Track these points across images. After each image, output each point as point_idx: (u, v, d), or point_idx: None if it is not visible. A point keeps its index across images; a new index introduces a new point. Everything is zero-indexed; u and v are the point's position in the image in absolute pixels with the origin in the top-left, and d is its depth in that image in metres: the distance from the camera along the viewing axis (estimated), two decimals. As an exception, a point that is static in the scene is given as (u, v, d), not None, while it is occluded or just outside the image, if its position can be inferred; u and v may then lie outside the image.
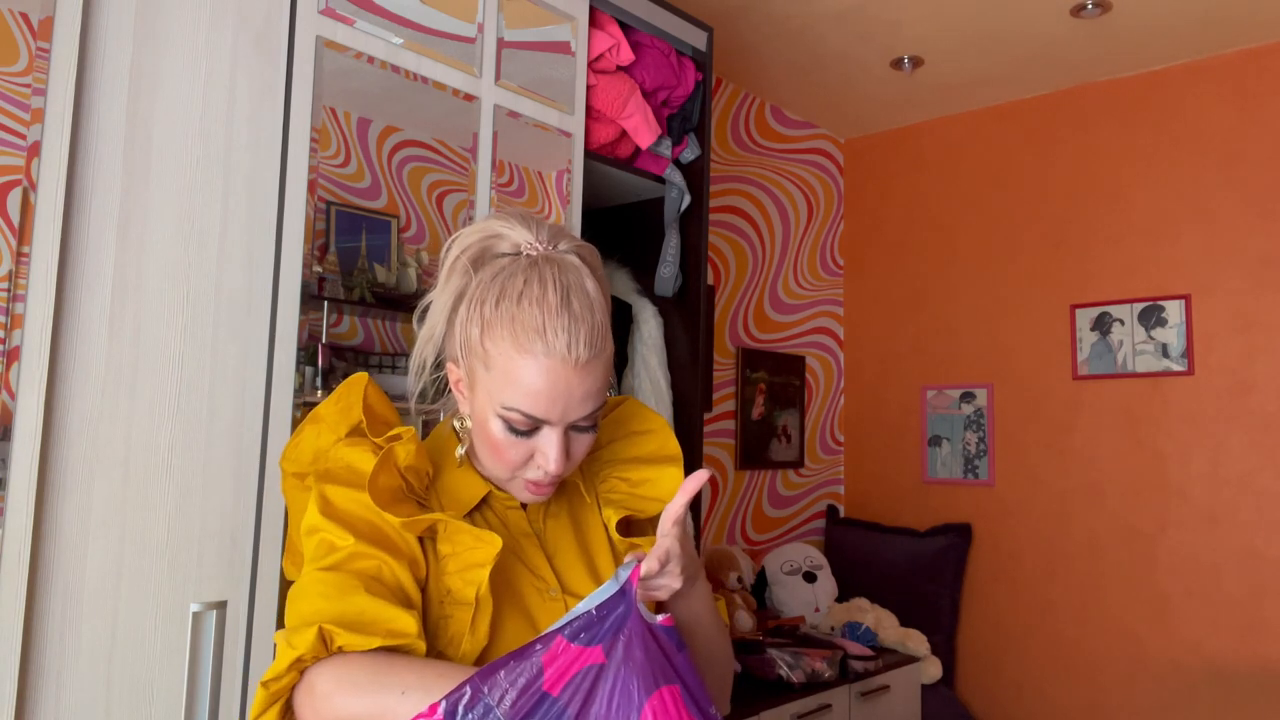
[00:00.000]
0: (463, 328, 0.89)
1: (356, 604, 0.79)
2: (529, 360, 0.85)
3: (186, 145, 1.28)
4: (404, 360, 1.62)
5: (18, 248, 1.19)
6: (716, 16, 2.84)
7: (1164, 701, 2.94)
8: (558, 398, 0.85)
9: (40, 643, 1.11)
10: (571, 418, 0.87)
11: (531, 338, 0.84)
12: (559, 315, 0.85)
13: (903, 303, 3.71)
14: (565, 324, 0.85)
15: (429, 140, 1.65)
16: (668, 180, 2.15)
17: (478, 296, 0.88)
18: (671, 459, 1.02)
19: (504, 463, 0.90)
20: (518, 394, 0.85)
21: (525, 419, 0.86)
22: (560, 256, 0.89)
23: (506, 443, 0.88)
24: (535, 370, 0.85)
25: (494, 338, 0.86)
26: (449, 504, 0.93)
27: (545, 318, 0.85)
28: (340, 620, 0.78)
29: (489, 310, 0.86)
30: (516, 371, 0.85)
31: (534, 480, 0.91)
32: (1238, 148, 2.95)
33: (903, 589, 3.32)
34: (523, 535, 0.96)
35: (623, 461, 1.04)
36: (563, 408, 0.86)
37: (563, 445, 0.88)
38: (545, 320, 0.85)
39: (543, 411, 0.86)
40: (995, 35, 2.95)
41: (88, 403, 1.16)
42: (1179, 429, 2.99)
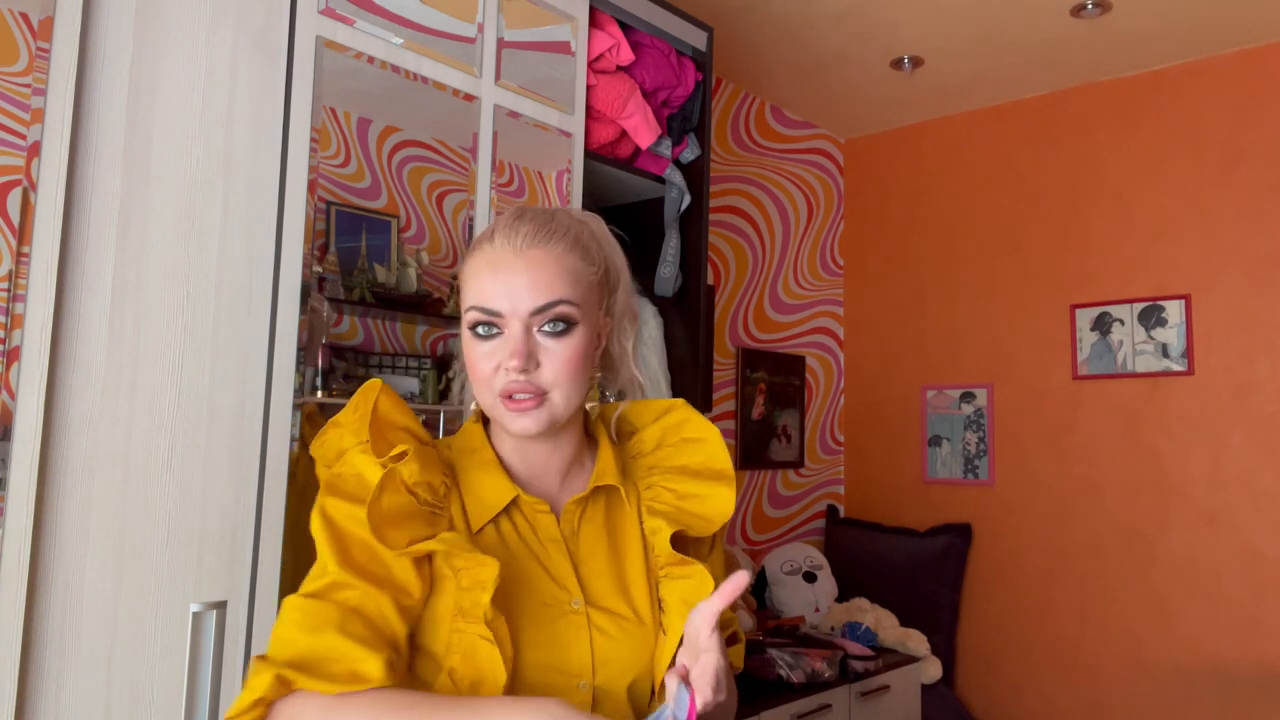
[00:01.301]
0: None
1: (326, 641, 0.79)
2: (477, 258, 0.92)
3: (186, 145, 1.28)
4: (404, 360, 1.62)
5: (18, 248, 1.20)
6: (716, 16, 2.84)
7: (1164, 701, 2.94)
8: (501, 284, 0.89)
9: (40, 643, 1.11)
10: (522, 308, 0.89)
11: (481, 242, 0.93)
12: (504, 220, 0.93)
13: (903, 303, 3.71)
14: (508, 222, 0.92)
15: (429, 140, 1.65)
16: (668, 180, 2.15)
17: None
18: (722, 476, 1.00)
19: (478, 379, 0.92)
20: (475, 291, 0.91)
21: (480, 313, 0.90)
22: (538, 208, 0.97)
23: (476, 354, 0.91)
24: (479, 263, 0.92)
25: (464, 264, 0.95)
26: (473, 506, 0.92)
27: (495, 225, 0.94)
28: (306, 659, 0.78)
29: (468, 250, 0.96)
30: (470, 273, 0.93)
31: (506, 391, 0.89)
32: (1238, 148, 2.95)
33: (903, 589, 3.31)
34: (550, 541, 0.94)
35: (670, 469, 1.01)
36: (508, 294, 0.89)
37: (524, 339, 0.89)
38: (495, 227, 0.93)
39: (493, 301, 0.89)
40: (995, 35, 2.95)
41: (88, 403, 1.16)
42: (1179, 429, 2.99)
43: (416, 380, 1.61)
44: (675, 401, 1.06)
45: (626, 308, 1.02)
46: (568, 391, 0.91)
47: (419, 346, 1.65)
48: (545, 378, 0.90)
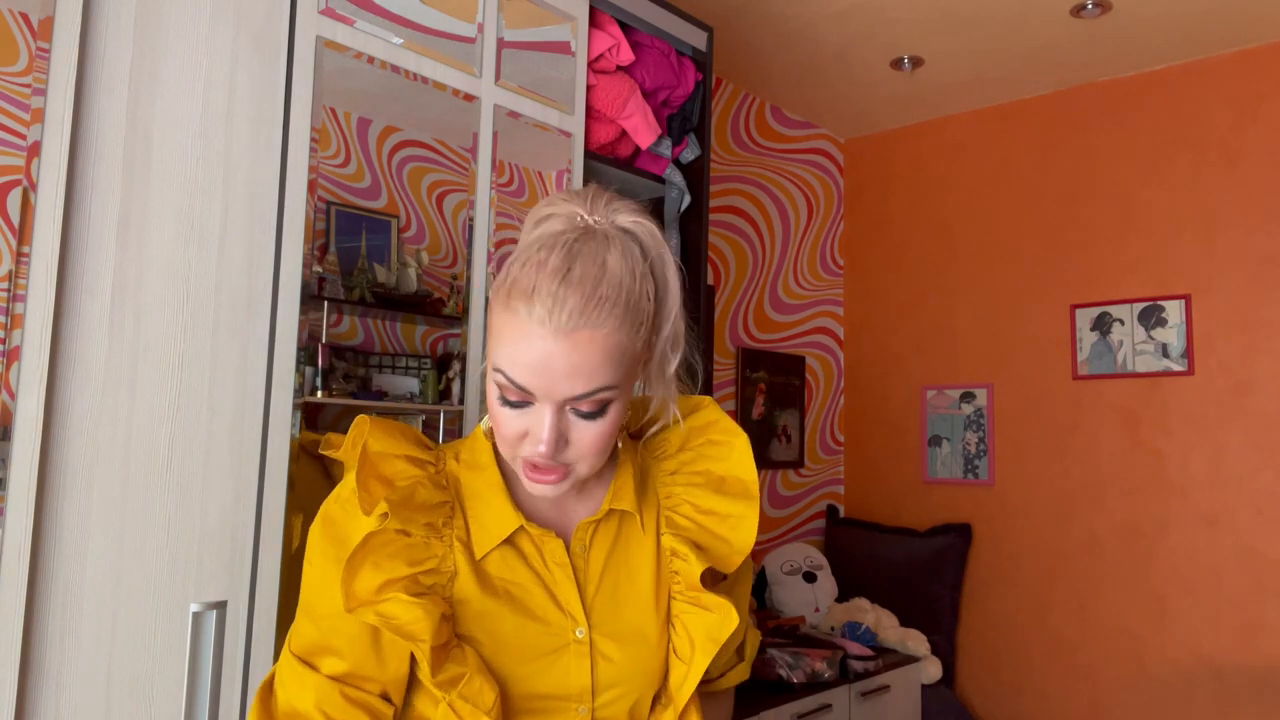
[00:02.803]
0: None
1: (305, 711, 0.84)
2: (511, 320, 0.80)
3: (186, 145, 1.28)
4: (404, 360, 1.62)
5: (18, 248, 1.20)
6: (716, 16, 2.84)
7: (1163, 701, 2.94)
8: (538, 367, 0.79)
9: (40, 643, 1.11)
10: (558, 395, 0.80)
11: (518, 299, 0.80)
12: (552, 279, 0.79)
13: (903, 303, 3.71)
14: (554, 289, 0.79)
15: (429, 140, 1.65)
16: (668, 180, 2.15)
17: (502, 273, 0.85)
18: (748, 495, 0.96)
19: (501, 439, 0.85)
20: (502, 357, 0.81)
21: (512, 386, 0.81)
22: (600, 227, 0.84)
23: (501, 414, 0.84)
24: (516, 333, 0.80)
25: (496, 298, 0.83)
26: (477, 531, 0.89)
27: (538, 281, 0.79)
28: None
29: (501, 277, 0.83)
30: (503, 332, 0.81)
31: (532, 462, 0.84)
32: (1238, 148, 2.95)
33: (903, 589, 3.31)
34: (557, 566, 0.91)
35: (694, 475, 0.98)
36: (546, 381, 0.79)
37: (556, 425, 0.81)
38: (537, 283, 0.79)
39: (524, 379, 0.80)
40: (995, 35, 2.95)
41: (88, 403, 1.16)
42: (1179, 429, 2.99)
43: (416, 380, 1.61)
44: (702, 400, 1.02)
45: (675, 334, 0.91)
46: (593, 463, 0.86)
47: (419, 346, 1.65)
48: (573, 454, 0.84)
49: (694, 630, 0.93)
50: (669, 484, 0.99)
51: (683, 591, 0.94)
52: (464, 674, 0.82)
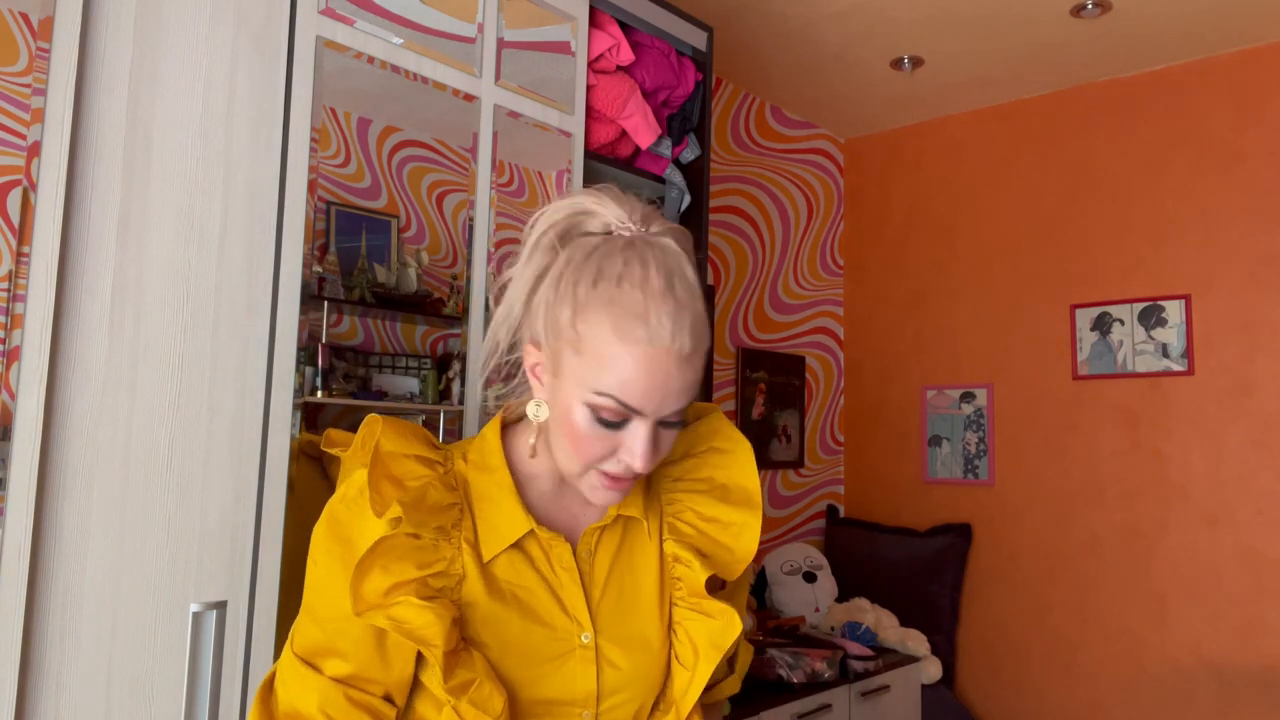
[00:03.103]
0: (548, 309, 0.82)
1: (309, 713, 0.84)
2: (630, 348, 0.78)
3: (186, 145, 1.28)
4: (404, 360, 1.62)
5: (18, 248, 1.20)
6: (716, 16, 2.84)
7: (1164, 701, 2.94)
8: (655, 389, 0.79)
9: (40, 643, 1.11)
10: (665, 411, 0.81)
11: (634, 323, 0.78)
12: (664, 301, 0.79)
13: (903, 303, 3.71)
14: (670, 310, 0.79)
15: (429, 140, 1.65)
16: (668, 180, 2.15)
17: (568, 276, 0.81)
18: (750, 504, 0.96)
19: (583, 456, 0.83)
20: (613, 381, 0.79)
21: (618, 409, 0.80)
22: (658, 240, 0.84)
23: (591, 434, 0.81)
24: (635, 359, 0.78)
25: (590, 320, 0.79)
26: (486, 533, 0.88)
27: (649, 303, 0.78)
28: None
29: (583, 291, 0.80)
30: (614, 358, 0.78)
31: (613, 474, 0.84)
32: (1238, 148, 2.95)
33: (903, 589, 3.31)
34: (564, 570, 0.91)
35: (697, 481, 0.98)
36: (659, 400, 0.80)
37: (652, 440, 0.82)
38: (649, 305, 0.78)
39: (638, 402, 0.79)
40: (995, 35, 2.95)
41: (88, 403, 1.16)
42: (1179, 429, 2.99)
43: (416, 380, 1.61)
44: (708, 407, 1.02)
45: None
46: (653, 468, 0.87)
47: (419, 346, 1.65)
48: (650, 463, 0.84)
49: (697, 637, 0.93)
50: (672, 490, 0.99)
51: (685, 598, 0.94)
52: (474, 679, 0.82)
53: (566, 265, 0.82)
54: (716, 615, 0.92)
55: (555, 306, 0.82)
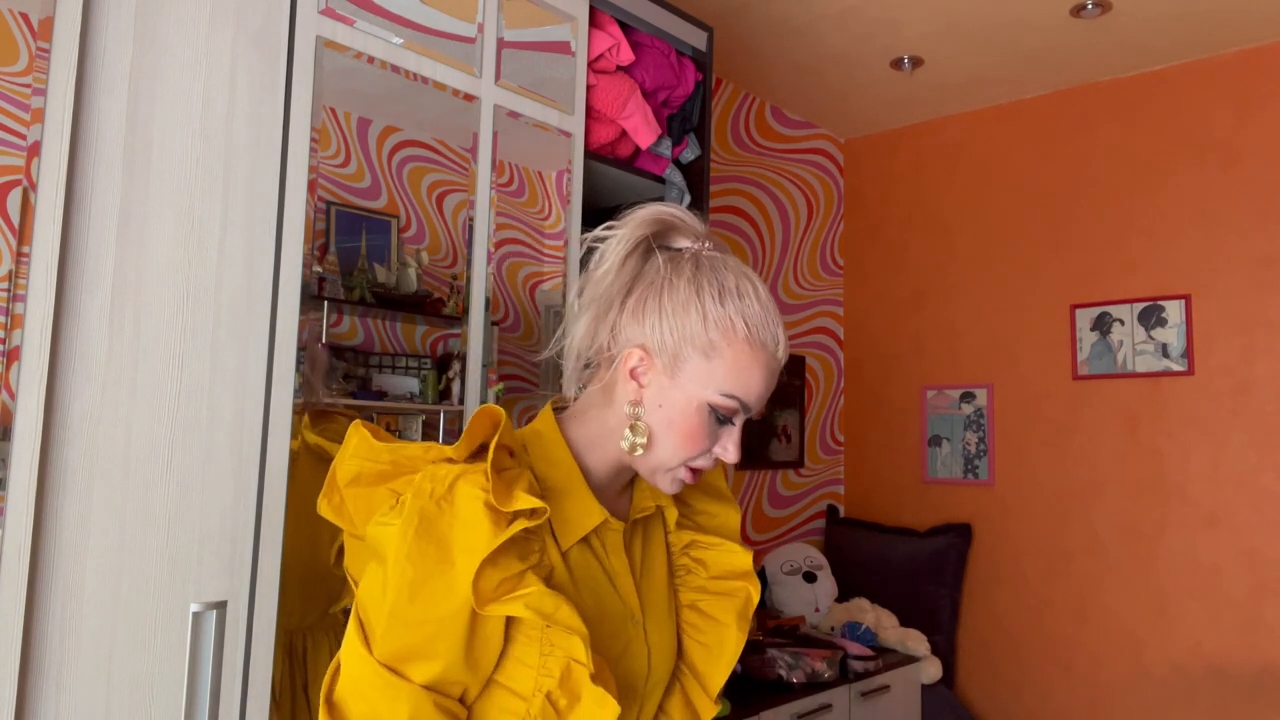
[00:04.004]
0: (668, 317, 0.90)
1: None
2: (761, 354, 0.90)
3: (186, 145, 1.28)
4: (404, 360, 1.62)
5: (18, 248, 1.20)
6: (716, 16, 2.84)
7: (1164, 701, 2.94)
8: (766, 390, 0.92)
9: (40, 643, 1.11)
10: (755, 412, 0.94)
11: (764, 334, 0.91)
12: (775, 313, 0.93)
13: (903, 303, 3.71)
14: (780, 322, 0.93)
15: (429, 140, 1.65)
16: (668, 180, 2.15)
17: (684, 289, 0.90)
18: (726, 499, 1.08)
19: (691, 449, 0.91)
20: (741, 384, 0.90)
21: (738, 406, 0.91)
22: (732, 259, 0.95)
23: (705, 430, 0.91)
24: (763, 365, 0.91)
25: (725, 330, 0.89)
26: (560, 525, 0.89)
27: (767, 316, 0.91)
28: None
29: (710, 302, 0.90)
30: (748, 367, 0.90)
31: (699, 468, 0.93)
32: (1238, 148, 2.95)
33: (903, 589, 3.31)
34: (617, 558, 0.96)
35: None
36: (762, 399, 0.93)
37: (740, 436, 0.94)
38: (767, 318, 0.91)
39: (754, 400, 0.91)
40: (995, 35, 2.95)
41: (88, 402, 1.16)
42: (1179, 429, 2.99)
43: (416, 380, 1.61)
44: None
45: None
46: None
47: (419, 346, 1.66)
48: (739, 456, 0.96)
49: (724, 616, 1.01)
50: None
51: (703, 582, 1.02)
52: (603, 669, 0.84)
53: (676, 275, 0.91)
54: (736, 592, 1.01)
55: (678, 314, 0.90)
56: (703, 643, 1.01)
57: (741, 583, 1.02)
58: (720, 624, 1.00)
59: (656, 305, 0.90)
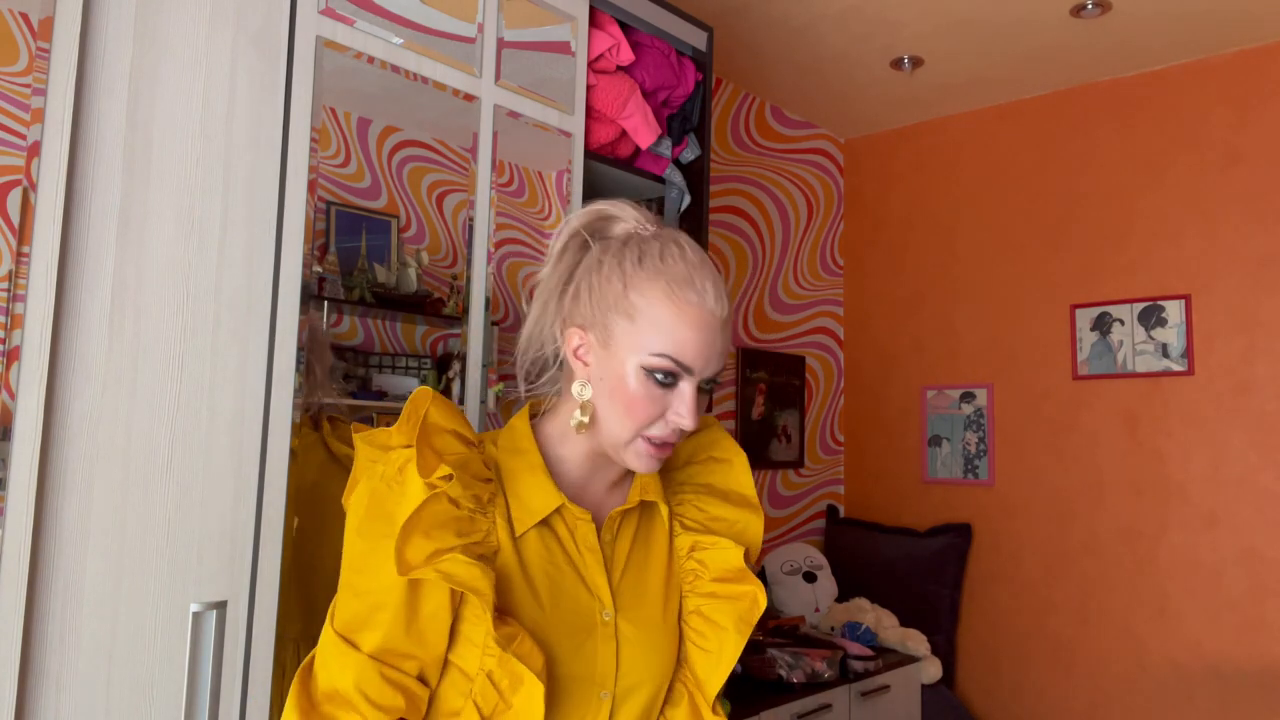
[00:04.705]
0: (594, 290, 0.92)
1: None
2: (682, 307, 0.88)
3: (186, 145, 1.28)
4: (404, 360, 1.62)
5: (18, 248, 1.20)
6: (716, 16, 2.84)
7: (1164, 701, 2.94)
8: (703, 348, 0.89)
9: (40, 643, 1.11)
10: (708, 372, 0.90)
11: (684, 287, 0.89)
12: (704, 269, 0.91)
13: (903, 303, 3.71)
14: (711, 277, 0.90)
15: (429, 140, 1.65)
16: (668, 180, 2.15)
17: (609, 260, 0.91)
18: (751, 506, 1.04)
19: (635, 419, 0.90)
20: (668, 340, 0.88)
21: (672, 365, 0.88)
22: (669, 232, 0.95)
23: (644, 395, 0.89)
24: (688, 317, 0.88)
25: (642, 290, 0.89)
26: (518, 510, 0.93)
27: (692, 271, 0.90)
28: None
29: (630, 267, 0.90)
30: (669, 319, 0.88)
31: (659, 438, 0.91)
32: (1238, 148, 2.95)
33: (903, 589, 3.31)
34: (588, 550, 0.95)
35: (699, 485, 1.05)
36: (705, 359, 0.89)
37: (696, 400, 0.90)
38: (692, 273, 0.90)
39: (690, 358, 0.88)
40: (995, 35, 2.95)
41: (88, 403, 1.16)
42: (1179, 429, 2.99)
43: (416, 380, 1.61)
44: (708, 419, 1.08)
45: None
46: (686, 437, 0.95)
47: (419, 346, 1.66)
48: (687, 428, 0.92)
49: (722, 618, 0.99)
50: (678, 492, 1.05)
51: (704, 585, 1.00)
52: (518, 634, 0.85)
53: (604, 253, 0.93)
54: (741, 597, 0.98)
55: (602, 285, 0.91)
56: (705, 649, 1.00)
57: (748, 587, 0.99)
58: (720, 628, 0.99)
59: (587, 285, 0.92)
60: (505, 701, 0.86)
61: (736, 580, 0.99)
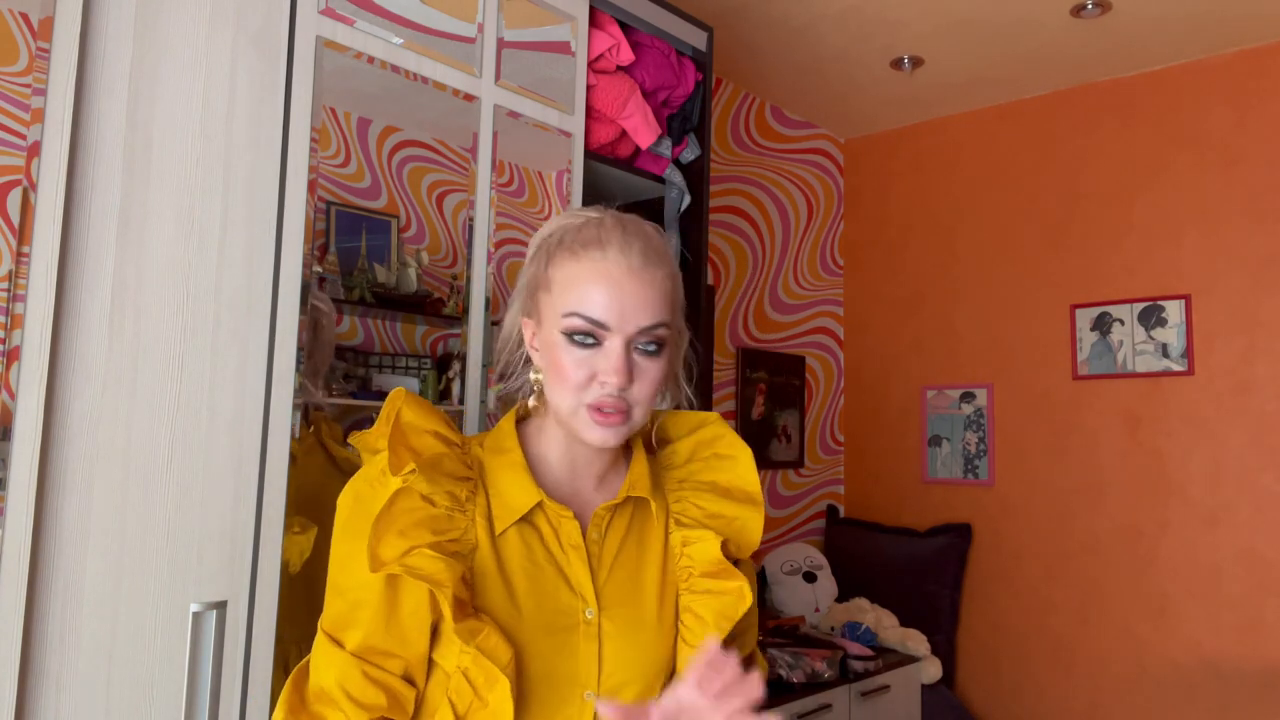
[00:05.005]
0: (528, 280, 0.96)
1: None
2: (585, 264, 0.90)
3: (186, 145, 1.28)
4: (404, 360, 1.62)
5: (18, 248, 1.20)
6: (716, 16, 2.84)
7: (1164, 701, 2.94)
8: (613, 300, 0.88)
9: (40, 643, 1.11)
10: (630, 326, 0.89)
11: (588, 246, 0.91)
12: (613, 231, 0.92)
13: (903, 303, 3.71)
14: (619, 236, 0.91)
15: (429, 140, 1.65)
16: (668, 180, 2.15)
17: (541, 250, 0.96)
18: (752, 499, 1.02)
19: (567, 384, 0.90)
20: (575, 299, 0.90)
21: (586, 322, 0.89)
22: (611, 212, 0.97)
23: (569, 360, 0.90)
24: (592, 272, 0.90)
25: (557, 261, 0.93)
26: (498, 508, 0.93)
27: (601, 234, 0.92)
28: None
29: (553, 246, 0.94)
30: (575, 278, 0.90)
31: (597, 404, 0.90)
32: (1238, 148, 2.95)
33: (903, 589, 3.31)
34: (571, 547, 0.95)
35: (700, 484, 1.03)
36: (619, 311, 0.89)
37: (625, 356, 0.89)
38: (601, 235, 0.91)
39: (600, 312, 0.88)
40: (995, 35, 2.95)
41: (88, 403, 1.16)
42: (1179, 429, 2.99)
43: (416, 380, 1.61)
44: (710, 416, 1.08)
45: (682, 325, 1.03)
46: (646, 409, 0.94)
47: (419, 346, 1.66)
48: (634, 394, 0.91)
49: (706, 613, 0.97)
50: (678, 489, 1.03)
51: (695, 582, 0.99)
52: (483, 629, 0.86)
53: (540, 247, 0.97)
54: (726, 591, 0.96)
55: (534, 272, 0.96)
56: (691, 645, 0.97)
57: (734, 583, 0.97)
58: (705, 623, 0.97)
59: (528, 276, 0.98)
60: (481, 699, 0.86)
61: (722, 575, 0.97)
